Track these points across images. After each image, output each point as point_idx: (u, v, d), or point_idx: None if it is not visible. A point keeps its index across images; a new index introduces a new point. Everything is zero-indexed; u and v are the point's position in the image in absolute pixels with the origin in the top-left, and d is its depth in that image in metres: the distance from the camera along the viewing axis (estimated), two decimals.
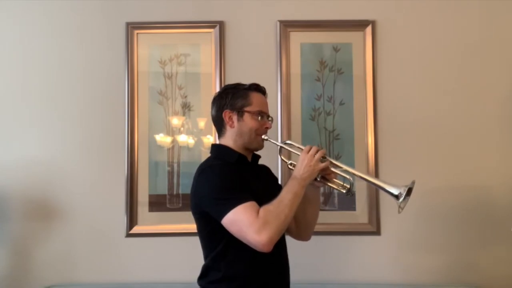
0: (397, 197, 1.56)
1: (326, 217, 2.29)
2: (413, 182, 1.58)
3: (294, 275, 1.71)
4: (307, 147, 1.61)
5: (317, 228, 1.81)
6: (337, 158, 2.36)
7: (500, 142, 2.36)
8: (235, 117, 1.65)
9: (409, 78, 2.39)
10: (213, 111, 1.71)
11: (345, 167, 1.64)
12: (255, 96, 1.67)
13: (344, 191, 1.66)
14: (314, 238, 1.84)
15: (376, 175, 2.34)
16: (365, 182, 2.30)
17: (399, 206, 1.56)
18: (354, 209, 2.36)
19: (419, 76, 2.39)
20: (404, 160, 2.35)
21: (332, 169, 1.64)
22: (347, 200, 2.35)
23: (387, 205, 2.33)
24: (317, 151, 1.59)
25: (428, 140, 2.37)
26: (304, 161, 1.58)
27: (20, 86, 2.41)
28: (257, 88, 1.70)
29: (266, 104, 1.71)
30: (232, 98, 1.65)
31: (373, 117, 2.37)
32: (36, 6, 2.43)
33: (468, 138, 2.36)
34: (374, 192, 2.34)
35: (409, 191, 1.55)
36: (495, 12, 2.40)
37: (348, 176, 1.63)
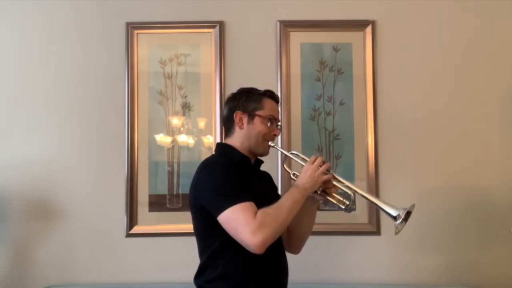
0: (395, 218, 1.56)
1: (326, 217, 2.29)
2: (413, 206, 1.58)
3: (294, 275, 1.71)
4: (313, 158, 1.62)
5: (317, 228, 1.81)
6: (337, 158, 2.37)
7: (500, 142, 2.36)
8: (245, 119, 1.66)
9: (409, 78, 2.39)
10: (225, 110, 1.72)
11: (347, 183, 1.64)
12: (268, 102, 1.69)
13: (343, 207, 1.66)
14: (314, 238, 1.84)
15: (376, 175, 2.34)
16: (365, 183, 2.34)
17: (396, 228, 1.56)
18: (354, 209, 2.36)
19: (419, 76, 2.39)
20: (404, 160, 2.35)
21: (334, 183, 1.64)
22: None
23: None
24: (322, 163, 1.60)
25: (428, 140, 2.37)
26: (308, 171, 1.59)
27: (20, 86, 2.41)
28: (271, 95, 1.72)
29: (277, 112, 1.72)
30: (246, 101, 1.67)
31: (373, 117, 2.37)
32: (36, 6, 2.43)
33: (468, 138, 2.36)
34: (374, 192, 2.33)
35: (407, 215, 1.56)
36: (495, 12, 2.40)
37: (349, 192, 1.64)
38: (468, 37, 2.40)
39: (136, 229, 2.36)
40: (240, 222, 1.44)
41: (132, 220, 2.36)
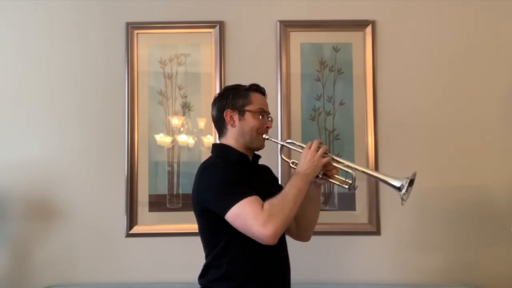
0: (399, 189, 1.56)
1: (326, 217, 2.29)
2: (415, 174, 1.58)
3: (294, 275, 1.71)
4: (309, 143, 1.62)
5: (317, 228, 1.81)
6: None
7: (500, 141, 2.36)
8: (236, 117, 1.66)
9: (409, 78, 2.39)
10: (213, 111, 1.72)
11: (346, 162, 1.65)
12: (255, 96, 1.69)
13: (346, 187, 1.66)
14: (314, 238, 1.84)
15: None
16: (365, 183, 2.34)
17: (402, 198, 1.57)
18: (354, 209, 2.36)
19: (419, 76, 2.39)
20: (404, 160, 2.35)
21: (334, 164, 1.64)
22: (347, 200, 2.35)
23: (387, 205, 2.33)
24: (318, 146, 1.60)
25: (428, 140, 2.37)
26: (307, 157, 1.59)
27: (20, 86, 2.41)
28: (257, 89, 1.72)
29: (266, 104, 1.72)
30: (233, 98, 1.67)
31: (373, 117, 2.37)
32: (35, 6, 2.43)
33: (468, 138, 2.37)
34: (374, 192, 2.34)
35: (411, 183, 1.56)
36: (494, 12, 2.40)
37: (350, 171, 1.64)
38: (468, 37, 2.40)
39: (136, 229, 2.36)
40: (249, 216, 1.44)
41: (132, 220, 2.36)
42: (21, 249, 2.35)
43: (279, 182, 2.09)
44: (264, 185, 1.66)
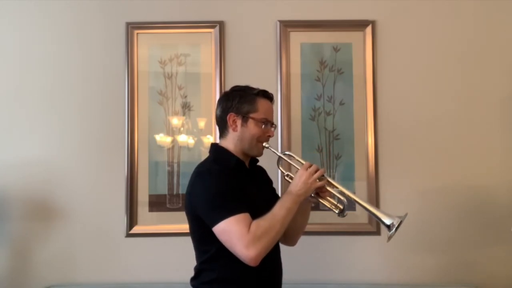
0: (388, 227, 1.57)
1: (326, 217, 2.29)
2: (405, 215, 1.59)
3: (294, 275, 1.72)
4: (307, 164, 1.61)
5: (317, 228, 1.82)
6: (337, 158, 2.37)
7: (500, 142, 2.36)
8: (239, 122, 1.64)
9: (409, 78, 2.39)
10: (218, 111, 1.70)
11: (341, 188, 1.63)
12: (262, 103, 1.66)
13: (337, 211, 1.66)
14: (314, 238, 1.85)
15: (376, 175, 2.34)
16: (364, 183, 2.34)
17: (389, 236, 1.58)
18: (354, 209, 2.35)
19: (419, 76, 2.39)
20: (404, 160, 2.35)
21: (328, 188, 1.64)
22: (347, 200, 2.34)
23: (387, 205, 2.32)
24: (316, 170, 1.59)
25: (428, 140, 2.37)
26: (302, 177, 1.58)
27: (20, 86, 2.41)
28: (265, 95, 1.69)
29: (271, 112, 1.70)
30: (239, 102, 1.64)
31: (373, 117, 2.37)
32: (35, 6, 2.43)
33: (468, 138, 2.37)
34: (374, 192, 2.34)
35: (400, 224, 1.57)
36: (494, 12, 2.40)
37: (342, 198, 1.63)
38: (468, 37, 2.40)
39: (136, 229, 2.36)
40: (234, 235, 1.45)
41: (132, 220, 2.36)
42: (21, 249, 2.35)
43: (278, 190, 2.07)
44: (258, 190, 1.67)
